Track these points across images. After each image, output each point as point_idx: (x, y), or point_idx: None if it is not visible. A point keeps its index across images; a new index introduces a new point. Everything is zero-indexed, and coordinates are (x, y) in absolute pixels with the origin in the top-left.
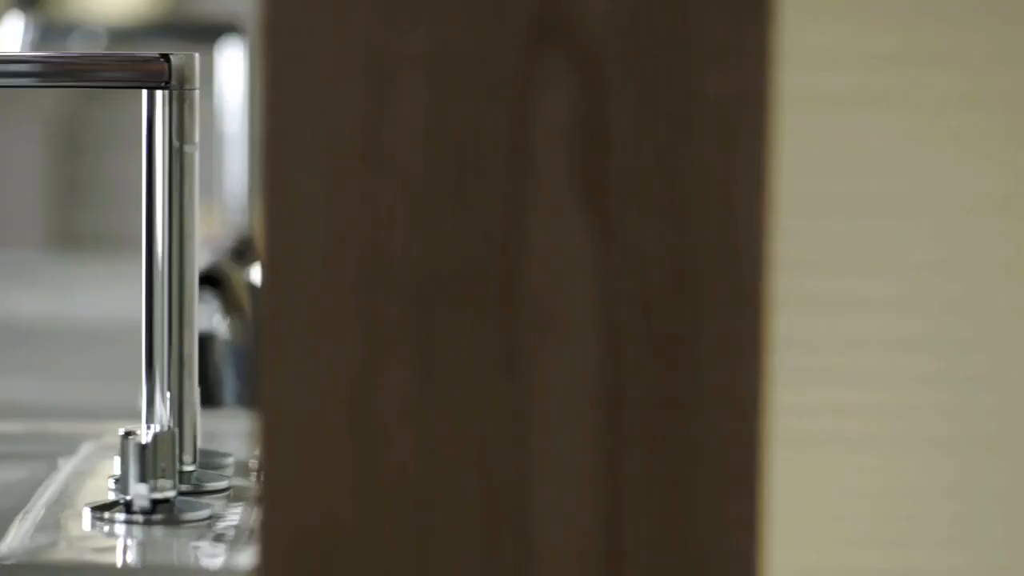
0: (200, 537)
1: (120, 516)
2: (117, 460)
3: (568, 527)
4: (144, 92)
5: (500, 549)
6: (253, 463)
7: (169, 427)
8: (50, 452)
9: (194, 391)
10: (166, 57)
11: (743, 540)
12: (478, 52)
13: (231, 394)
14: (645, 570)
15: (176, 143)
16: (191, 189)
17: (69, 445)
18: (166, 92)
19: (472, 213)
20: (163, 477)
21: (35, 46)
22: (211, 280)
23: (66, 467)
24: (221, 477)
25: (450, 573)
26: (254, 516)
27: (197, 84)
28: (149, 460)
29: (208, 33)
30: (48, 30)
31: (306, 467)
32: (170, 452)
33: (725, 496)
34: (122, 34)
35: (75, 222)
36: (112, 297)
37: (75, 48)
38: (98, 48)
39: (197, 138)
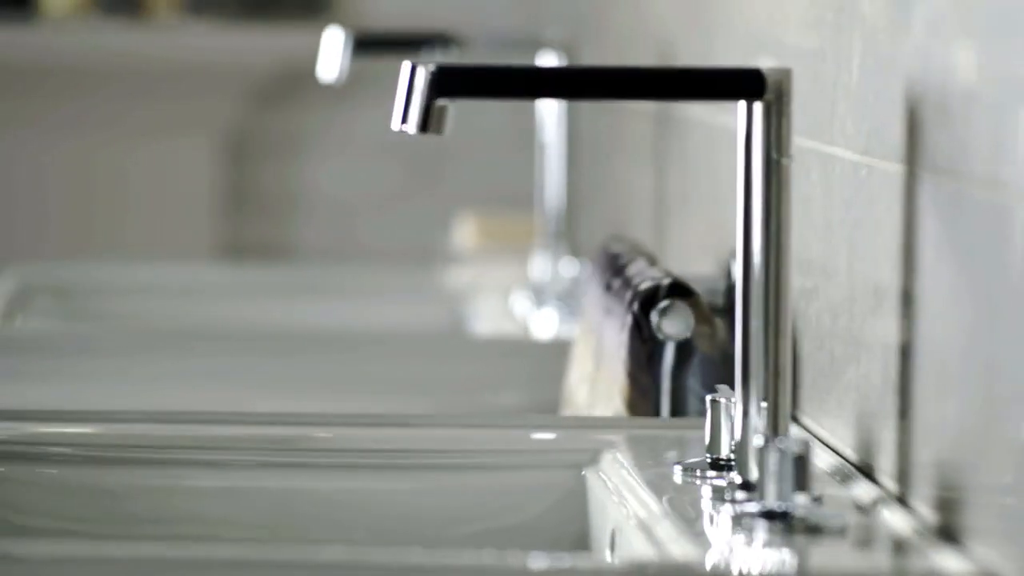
0: (852, 545)
1: (762, 524)
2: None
3: None
4: (741, 104)
5: None
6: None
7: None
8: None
9: (787, 402)
10: (760, 71)
11: None
12: None
13: (696, 404)
14: None
15: (773, 155)
16: (787, 201)
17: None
18: (763, 104)
19: None
20: (807, 486)
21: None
22: (681, 291)
23: (604, 474)
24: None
25: None
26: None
27: (792, 97)
28: (797, 470)
29: (527, 46)
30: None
31: None
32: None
33: None
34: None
35: (242, 232)
36: (281, 306)
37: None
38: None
39: (792, 150)
